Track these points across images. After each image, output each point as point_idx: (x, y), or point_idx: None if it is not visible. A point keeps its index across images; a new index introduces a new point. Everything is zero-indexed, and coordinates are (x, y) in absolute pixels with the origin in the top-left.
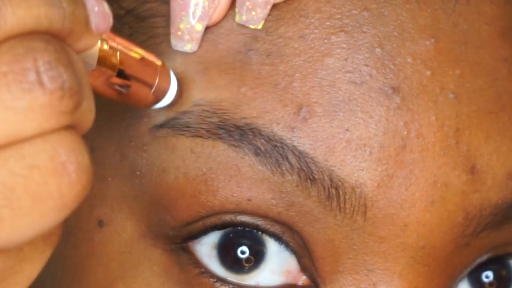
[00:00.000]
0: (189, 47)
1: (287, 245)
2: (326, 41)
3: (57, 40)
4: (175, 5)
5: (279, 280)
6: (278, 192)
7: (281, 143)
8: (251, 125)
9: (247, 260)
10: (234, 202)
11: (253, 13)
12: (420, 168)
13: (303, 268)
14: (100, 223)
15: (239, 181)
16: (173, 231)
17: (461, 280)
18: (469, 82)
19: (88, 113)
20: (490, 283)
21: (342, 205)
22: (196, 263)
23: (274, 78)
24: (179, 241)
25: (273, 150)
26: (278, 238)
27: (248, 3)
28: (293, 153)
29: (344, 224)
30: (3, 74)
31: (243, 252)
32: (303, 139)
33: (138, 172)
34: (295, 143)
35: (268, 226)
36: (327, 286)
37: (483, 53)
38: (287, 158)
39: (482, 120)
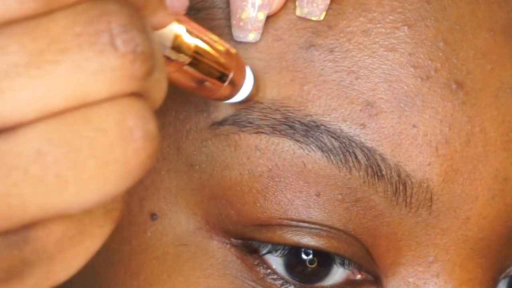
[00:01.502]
0: (252, 36)
1: (350, 261)
2: (389, 35)
3: (131, 5)
4: None
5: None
6: (345, 188)
7: (349, 140)
8: (317, 122)
9: (311, 261)
10: (302, 197)
11: (314, 4)
12: (484, 163)
13: (365, 269)
14: (153, 216)
15: (306, 177)
16: (238, 226)
17: (504, 277)
18: None
19: (159, 86)
20: None
21: (408, 200)
22: (263, 263)
23: (339, 75)
24: (241, 237)
25: (340, 147)
26: (341, 257)
27: None
28: (361, 150)
29: (409, 218)
30: (77, 35)
31: (307, 253)
32: (371, 136)
33: (197, 166)
34: (363, 140)
35: (332, 249)
36: (389, 278)
37: None
38: (354, 154)
39: None
